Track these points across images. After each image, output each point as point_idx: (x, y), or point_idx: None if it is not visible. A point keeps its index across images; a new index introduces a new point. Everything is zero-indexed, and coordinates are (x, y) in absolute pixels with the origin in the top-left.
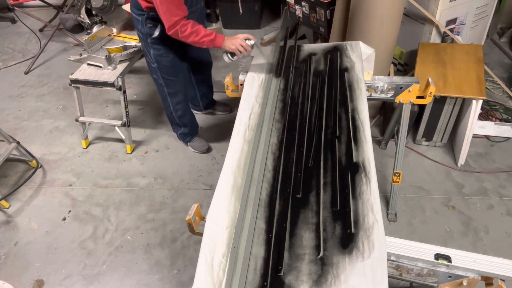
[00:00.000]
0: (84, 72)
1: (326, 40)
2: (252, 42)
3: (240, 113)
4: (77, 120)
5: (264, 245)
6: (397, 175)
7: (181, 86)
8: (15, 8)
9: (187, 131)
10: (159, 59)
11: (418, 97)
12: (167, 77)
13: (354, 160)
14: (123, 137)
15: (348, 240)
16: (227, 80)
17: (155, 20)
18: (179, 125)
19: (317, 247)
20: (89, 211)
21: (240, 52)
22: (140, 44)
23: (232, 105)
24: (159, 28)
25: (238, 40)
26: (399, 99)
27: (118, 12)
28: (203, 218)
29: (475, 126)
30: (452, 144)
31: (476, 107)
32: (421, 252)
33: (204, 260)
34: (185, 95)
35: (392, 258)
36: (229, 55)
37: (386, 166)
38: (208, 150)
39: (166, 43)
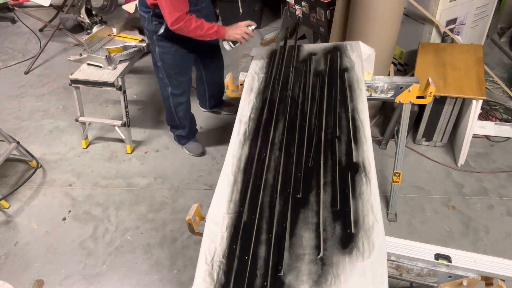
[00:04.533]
0: (84, 72)
1: (326, 40)
2: (253, 27)
3: (240, 113)
4: (77, 120)
5: (264, 245)
6: (397, 175)
7: (185, 87)
8: (15, 8)
9: (185, 134)
10: (164, 57)
11: (418, 97)
12: (172, 76)
13: (354, 160)
14: (123, 137)
15: (348, 240)
16: (227, 80)
17: (161, 17)
18: (177, 126)
19: (317, 247)
20: (89, 211)
21: (244, 39)
22: (140, 44)
23: (237, 104)
24: (164, 25)
25: (242, 28)
26: (399, 99)
27: (118, 12)
28: (203, 218)
29: (475, 126)
30: (452, 144)
31: (476, 107)
32: (421, 252)
33: (204, 260)
34: (188, 96)
35: (392, 258)
36: (230, 43)
37: (386, 166)
38: (203, 153)
39: (171, 41)
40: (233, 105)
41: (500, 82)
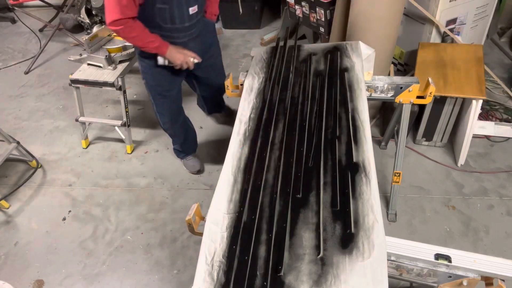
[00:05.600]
0: (84, 72)
1: (326, 40)
2: (196, 61)
3: (240, 113)
4: (77, 120)
5: (264, 245)
6: (397, 175)
7: (167, 109)
8: (15, 8)
9: (180, 149)
10: (145, 76)
11: (418, 97)
12: (155, 97)
13: (354, 160)
14: (123, 137)
15: (348, 240)
16: (227, 80)
17: None
18: (174, 140)
19: (317, 247)
20: (89, 211)
21: (182, 66)
22: None
23: (232, 105)
24: None
25: (186, 55)
26: (399, 99)
27: None
28: (203, 218)
29: (475, 126)
30: (452, 144)
31: (476, 107)
32: (421, 252)
33: (204, 260)
34: (172, 118)
35: (392, 258)
36: (166, 60)
37: (386, 166)
38: (199, 172)
39: (154, 59)
40: (232, 112)
41: (500, 82)
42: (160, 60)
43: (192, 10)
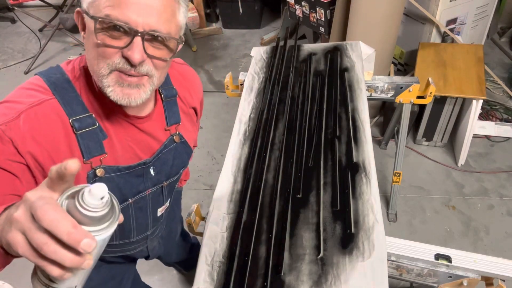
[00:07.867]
0: None
1: (326, 40)
2: (100, 195)
3: (240, 113)
4: None
5: (264, 245)
6: (397, 175)
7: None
8: (15, 8)
9: None
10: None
11: (418, 97)
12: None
13: (354, 160)
14: None
15: (348, 240)
16: (227, 80)
17: None
18: None
19: (317, 247)
20: None
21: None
22: None
23: (232, 105)
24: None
25: (27, 222)
26: (399, 99)
27: None
28: (203, 218)
29: (475, 126)
30: (452, 144)
31: (476, 107)
32: (421, 252)
33: (204, 260)
34: None
35: (392, 258)
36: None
37: (386, 166)
38: None
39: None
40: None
41: (500, 82)
42: None
43: (161, 210)
